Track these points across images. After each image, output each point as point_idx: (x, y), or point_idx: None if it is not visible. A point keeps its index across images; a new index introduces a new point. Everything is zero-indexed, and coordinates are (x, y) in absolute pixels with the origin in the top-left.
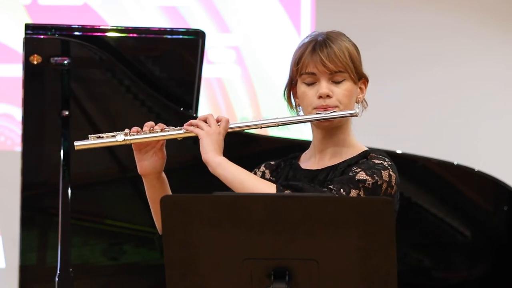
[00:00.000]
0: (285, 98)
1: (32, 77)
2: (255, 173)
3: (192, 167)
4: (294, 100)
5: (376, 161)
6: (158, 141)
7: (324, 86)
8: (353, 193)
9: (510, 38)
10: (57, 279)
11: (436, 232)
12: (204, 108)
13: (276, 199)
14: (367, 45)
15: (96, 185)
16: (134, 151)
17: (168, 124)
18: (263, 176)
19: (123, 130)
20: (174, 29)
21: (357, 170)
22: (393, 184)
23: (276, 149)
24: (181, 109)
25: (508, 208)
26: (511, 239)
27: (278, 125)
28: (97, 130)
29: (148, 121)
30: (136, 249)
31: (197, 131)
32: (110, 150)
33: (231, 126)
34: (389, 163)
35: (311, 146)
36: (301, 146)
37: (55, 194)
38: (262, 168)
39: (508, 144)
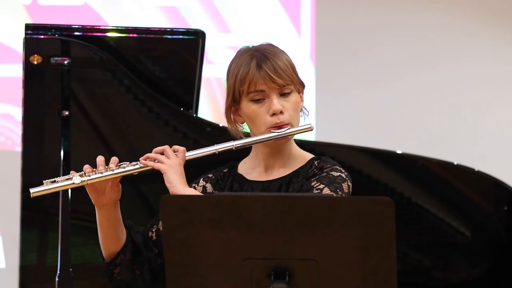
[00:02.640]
0: (226, 118)
1: (32, 77)
2: (194, 188)
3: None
4: (235, 118)
5: (334, 173)
6: (115, 178)
7: (276, 103)
8: None
9: (510, 38)
10: (57, 279)
11: (436, 232)
12: (204, 108)
13: (276, 199)
14: (367, 45)
15: None
16: (89, 190)
17: (168, 124)
18: (204, 191)
19: (76, 171)
20: (174, 29)
21: (321, 187)
22: (350, 193)
23: None
24: (181, 109)
25: (508, 208)
26: (511, 239)
27: (234, 149)
28: (97, 130)
29: (148, 121)
30: None
31: (158, 165)
32: (110, 150)
33: (188, 154)
34: (345, 173)
35: (254, 158)
36: (301, 145)
37: (55, 194)
38: (202, 182)
39: (508, 144)
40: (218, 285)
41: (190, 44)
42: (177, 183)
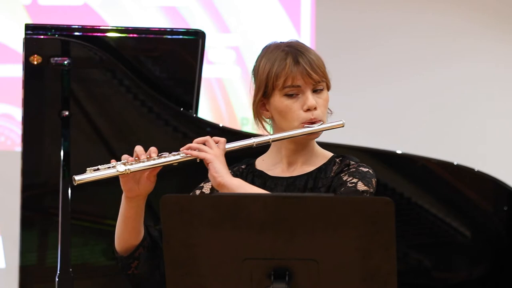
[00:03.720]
0: (253, 112)
1: (32, 77)
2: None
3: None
4: (263, 113)
5: (363, 169)
6: (155, 168)
7: (310, 98)
8: None
9: (511, 38)
10: (57, 279)
11: (436, 232)
12: (204, 108)
13: (276, 199)
14: (367, 45)
15: (96, 185)
16: (123, 180)
17: (168, 124)
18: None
19: (120, 160)
20: (174, 29)
21: (354, 181)
22: (375, 190)
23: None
24: (181, 109)
25: (508, 208)
26: (511, 239)
27: (271, 142)
28: (97, 130)
29: (148, 121)
30: None
31: (203, 155)
32: (110, 150)
33: (227, 146)
34: (371, 168)
35: (275, 154)
36: None
37: (55, 194)
38: None
39: (508, 144)
40: (218, 285)
41: (190, 44)
42: (224, 173)
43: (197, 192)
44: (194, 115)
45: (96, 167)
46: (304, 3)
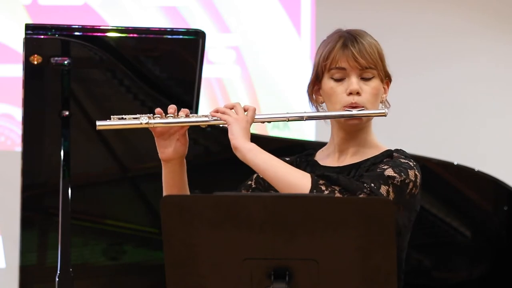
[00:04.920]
0: (307, 94)
1: (32, 77)
2: None
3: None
4: (317, 97)
5: (402, 160)
6: (182, 127)
7: (354, 82)
8: (383, 189)
9: (511, 39)
10: (57, 279)
11: (436, 232)
12: (204, 108)
13: (276, 199)
14: None
15: (96, 185)
16: (156, 137)
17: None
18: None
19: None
20: (174, 29)
21: (385, 167)
22: (418, 184)
23: (276, 149)
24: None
25: (508, 208)
26: (511, 239)
27: (305, 119)
28: (98, 130)
29: None
30: (136, 249)
31: (225, 117)
32: (110, 150)
33: (258, 117)
34: (414, 163)
35: (330, 144)
36: (302, 145)
37: (55, 194)
38: None
39: (508, 144)
40: (218, 285)
41: (190, 44)
42: (239, 136)
43: (248, 182)
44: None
45: (121, 116)
46: (304, 3)
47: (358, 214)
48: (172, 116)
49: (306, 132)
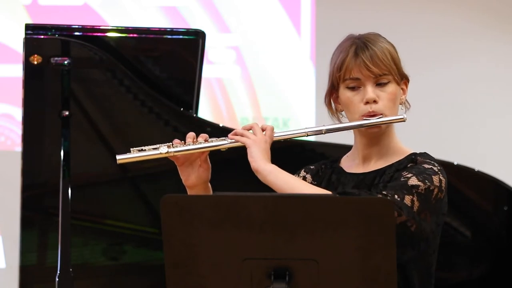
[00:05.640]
0: (326, 104)
1: (32, 77)
2: None
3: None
4: (335, 106)
5: (426, 165)
6: (203, 152)
7: (370, 91)
8: (407, 199)
9: (511, 39)
10: (57, 279)
11: None
12: (204, 108)
13: (276, 199)
14: None
15: (96, 185)
16: (178, 165)
17: (168, 124)
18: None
19: (165, 143)
20: (174, 29)
21: (408, 175)
22: (443, 189)
23: (276, 149)
24: (181, 109)
25: (508, 208)
26: (511, 239)
27: (324, 133)
28: (97, 130)
29: (148, 121)
30: (136, 249)
31: (243, 140)
32: (110, 150)
33: (276, 134)
34: (439, 167)
35: (354, 150)
36: (301, 146)
37: (55, 194)
38: (303, 173)
39: (508, 144)
40: (218, 285)
41: (190, 44)
42: (258, 159)
43: None
44: (194, 115)
45: (140, 148)
46: (304, 3)
47: (358, 214)
48: (191, 143)
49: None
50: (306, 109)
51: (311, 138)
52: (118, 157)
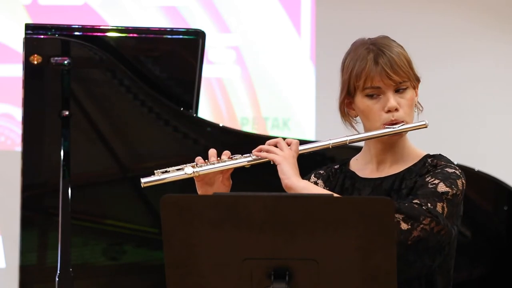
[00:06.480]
0: (340, 112)
1: (32, 77)
2: None
3: None
4: (350, 111)
5: (449, 170)
6: (227, 170)
7: (391, 100)
8: (439, 206)
9: (511, 39)
10: (57, 279)
11: None
12: (204, 108)
13: (276, 199)
14: None
15: (96, 185)
16: (199, 183)
17: (168, 124)
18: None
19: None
20: (174, 29)
21: (436, 182)
22: (463, 191)
23: None
24: (181, 109)
25: (508, 208)
26: (511, 239)
27: (348, 143)
28: (97, 130)
29: (148, 121)
30: (136, 249)
31: (272, 156)
32: (109, 150)
33: (301, 147)
34: (459, 170)
35: (366, 154)
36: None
37: (55, 194)
38: (313, 178)
39: (509, 144)
40: (218, 285)
41: (190, 44)
42: (291, 175)
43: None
44: (194, 115)
45: (164, 170)
46: (304, 3)
47: (358, 214)
48: (215, 161)
49: (306, 132)
50: (306, 109)
51: (311, 138)
52: (143, 180)
